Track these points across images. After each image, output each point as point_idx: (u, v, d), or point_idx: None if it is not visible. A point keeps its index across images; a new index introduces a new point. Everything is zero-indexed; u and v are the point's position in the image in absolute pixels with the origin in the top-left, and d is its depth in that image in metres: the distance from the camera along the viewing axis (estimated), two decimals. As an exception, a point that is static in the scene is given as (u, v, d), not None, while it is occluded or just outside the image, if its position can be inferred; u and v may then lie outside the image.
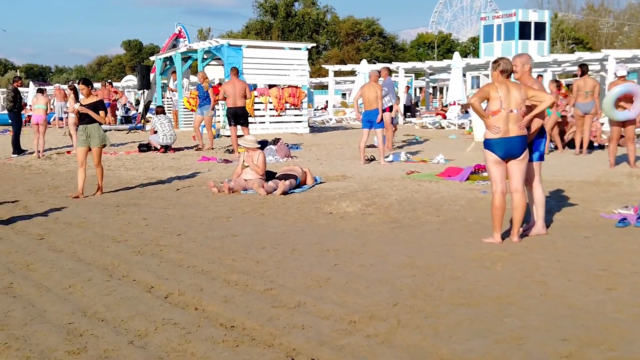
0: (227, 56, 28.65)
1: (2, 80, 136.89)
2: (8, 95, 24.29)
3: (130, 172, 18.70)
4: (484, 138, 9.64)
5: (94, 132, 14.59)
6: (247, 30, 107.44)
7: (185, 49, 32.63)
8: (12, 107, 24.15)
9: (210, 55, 31.63)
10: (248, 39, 59.84)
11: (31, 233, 10.95)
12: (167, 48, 36.10)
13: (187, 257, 9.05)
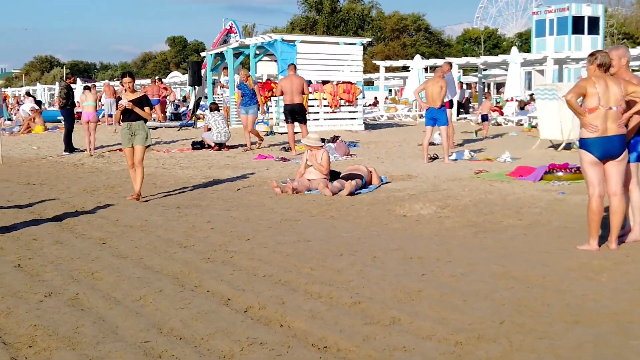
0: (280, 51, 28.06)
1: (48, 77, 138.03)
2: (61, 92, 23.85)
3: (187, 171, 18.15)
4: (579, 137, 8.95)
5: (139, 129, 13.70)
6: (292, 27, 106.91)
7: (237, 45, 32.09)
8: (64, 104, 23.70)
9: (262, 51, 31.10)
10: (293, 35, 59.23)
11: (92, 237, 10.41)
12: (218, 44, 35.63)
13: (261, 265, 8.44)
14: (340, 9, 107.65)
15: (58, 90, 24.50)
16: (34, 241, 10.14)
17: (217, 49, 34.40)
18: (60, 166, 20.39)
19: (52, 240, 10.15)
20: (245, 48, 31.80)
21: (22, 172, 18.96)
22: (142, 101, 13.71)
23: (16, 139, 30.47)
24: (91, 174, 18.19)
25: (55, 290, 7.54)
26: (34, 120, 34.98)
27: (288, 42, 28.47)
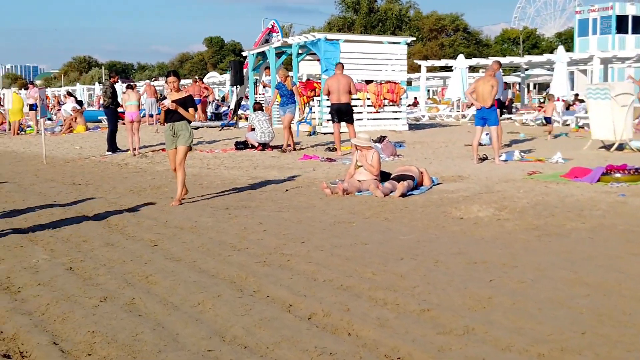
0: (323, 51, 27.74)
1: (86, 77, 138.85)
2: (106, 91, 23.69)
3: (232, 172, 17.89)
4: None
5: (182, 130, 13.17)
6: (329, 27, 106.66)
7: (279, 44, 31.78)
8: (109, 104, 23.55)
9: (304, 50, 30.77)
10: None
11: (143, 239, 10.17)
12: (259, 43, 35.35)
13: (320, 269, 8.14)
14: (377, 9, 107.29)
15: (102, 90, 24.31)
16: (84, 243, 9.92)
17: (259, 48, 34.11)
18: (104, 166, 20.24)
19: (102, 242, 9.92)
20: (288, 47, 31.48)
21: (67, 172, 18.81)
22: (186, 101, 13.20)
23: (58, 139, 30.45)
24: (136, 174, 17.99)
25: (110, 294, 7.29)
26: (76, 120, 34.96)
27: (332, 41, 28.13)
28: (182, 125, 13.17)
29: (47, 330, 6.27)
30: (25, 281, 7.88)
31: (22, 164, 21.35)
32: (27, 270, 8.38)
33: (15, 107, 34.54)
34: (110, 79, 24.45)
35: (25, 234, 10.59)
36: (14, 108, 34.56)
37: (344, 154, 20.73)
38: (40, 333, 6.16)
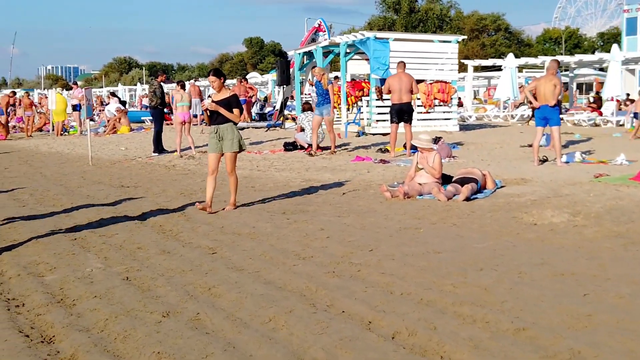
0: (373, 50, 27.10)
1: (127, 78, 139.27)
2: (154, 91, 23.20)
3: (283, 174, 17.33)
4: None
5: (228, 133, 12.25)
6: (370, 27, 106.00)
7: (326, 43, 31.20)
8: (156, 104, 23.08)
9: (352, 49, 30.15)
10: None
11: (200, 246, 9.63)
12: (306, 42, 34.81)
13: (395, 281, 7.54)
14: (418, 9, 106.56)
15: (150, 90, 23.77)
16: (139, 250, 9.40)
17: (306, 47, 33.56)
18: (151, 168, 19.76)
19: (158, 249, 9.40)
20: (335, 46, 30.90)
21: (114, 174, 18.36)
22: (231, 102, 12.21)
23: (102, 140, 30.06)
24: (185, 177, 17.49)
25: (172, 308, 6.74)
26: (120, 120, 34.63)
27: (381, 39, 27.49)
28: (227, 128, 12.26)
29: (108, 350, 5.73)
30: (80, 293, 7.36)
31: (67, 166, 20.95)
32: (81, 280, 7.87)
33: (58, 108, 34.27)
34: (157, 77, 23.93)
35: (76, 240, 10.11)
36: (58, 109, 34.29)
37: (398, 155, 20.10)
38: (101, 354, 5.63)
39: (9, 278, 8.10)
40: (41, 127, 39.11)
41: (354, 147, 23.19)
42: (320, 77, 21.36)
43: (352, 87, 29.52)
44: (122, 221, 11.47)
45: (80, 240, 10.10)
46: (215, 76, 12.29)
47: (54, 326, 6.34)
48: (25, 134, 35.86)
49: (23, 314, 6.76)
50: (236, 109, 12.24)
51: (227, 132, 12.25)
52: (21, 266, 8.60)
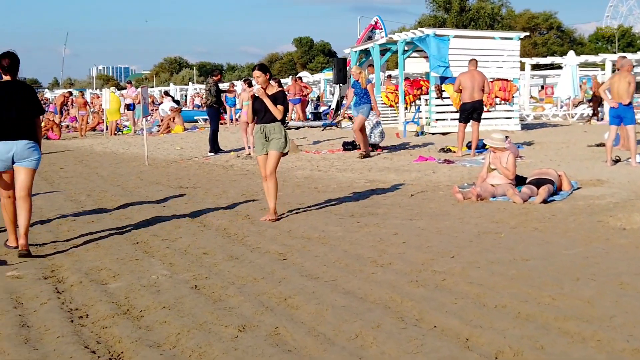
0: (432, 47, 26.41)
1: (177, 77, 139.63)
2: (210, 89, 22.75)
3: (345, 174, 16.75)
4: None
5: (274, 133, 11.34)
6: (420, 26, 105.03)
7: (384, 41, 30.59)
8: (212, 103, 22.61)
9: (411, 47, 29.49)
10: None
11: (269, 251, 9.08)
12: (362, 40, 34.18)
13: (485, 292, 6.93)
14: (469, 7, 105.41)
15: (206, 88, 23.34)
16: (205, 255, 8.88)
17: (362, 45, 32.96)
18: (209, 168, 19.28)
19: (225, 254, 8.87)
20: (393, 44, 30.28)
21: (171, 174, 17.90)
22: (277, 98, 11.35)
23: (156, 139, 29.70)
24: (244, 177, 16.99)
25: (248, 322, 6.19)
26: (174, 120, 34.27)
27: (441, 37, 26.79)
28: (275, 128, 11.32)
29: (182, 370, 5.19)
30: (147, 303, 6.84)
31: (123, 166, 20.55)
32: (147, 289, 7.36)
33: (112, 107, 34.00)
34: (212, 76, 23.45)
35: (138, 244, 9.63)
36: (112, 108, 34.02)
37: (463, 154, 19.45)
38: (176, 374, 5.08)
39: (70, 285, 7.62)
40: (94, 126, 38.94)
41: (413, 146, 22.52)
42: (358, 77, 20.49)
43: (411, 85, 28.87)
44: (184, 224, 10.98)
45: (142, 244, 9.62)
46: (261, 71, 11.42)
47: (121, 341, 5.83)
48: (79, 134, 35.68)
49: (87, 327, 6.25)
50: (281, 105, 11.34)
51: (274, 131, 11.33)
52: (82, 272, 8.12)
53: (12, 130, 9.10)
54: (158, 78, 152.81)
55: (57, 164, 21.33)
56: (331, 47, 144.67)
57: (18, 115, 9.14)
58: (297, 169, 17.92)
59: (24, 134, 9.18)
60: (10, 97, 9.18)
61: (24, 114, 9.22)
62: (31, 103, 9.37)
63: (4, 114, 9.08)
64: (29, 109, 9.31)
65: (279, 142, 11.32)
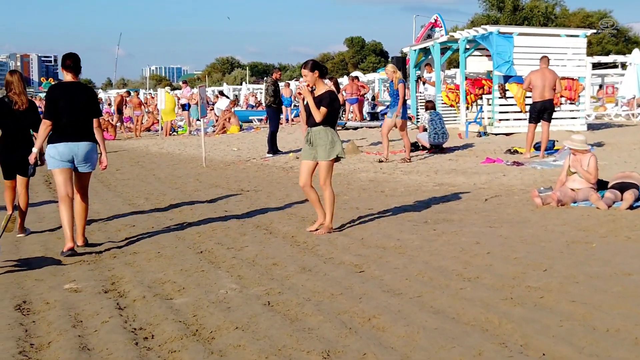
0: (495, 45, 25.52)
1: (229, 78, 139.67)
2: (268, 88, 22.13)
3: (412, 177, 16.06)
4: None
5: (320, 138, 10.12)
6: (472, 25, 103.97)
7: (445, 39, 29.79)
8: (271, 102, 22.00)
9: (472, 45, 28.63)
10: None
11: (343, 262, 8.44)
12: (421, 39, 33.47)
13: (591, 312, 6.22)
14: (523, 6, 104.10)
15: (265, 87, 22.70)
16: (275, 267, 8.25)
17: (421, 44, 32.20)
18: (268, 170, 18.67)
19: (296, 265, 8.23)
20: (453, 42, 29.47)
21: (230, 177, 17.34)
22: (322, 99, 10.06)
23: (212, 140, 29.16)
24: (306, 179, 16.34)
25: (332, 346, 5.56)
26: (229, 120, 33.75)
27: (505, 34, 25.90)
28: (321, 133, 10.10)
29: (265, 407, 4.55)
30: (217, 322, 6.22)
31: (180, 167, 20.05)
32: (217, 305, 6.74)
33: (167, 107, 33.55)
34: (271, 75, 22.85)
35: (203, 254, 9.04)
36: (167, 108, 33.57)
37: (532, 156, 18.65)
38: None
39: (133, 301, 7.03)
40: (149, 127, 38.61)
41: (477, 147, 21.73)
42: (392, 76, 19.39)
43: (472, 85, 28.02)
44: (249, 231, 10.37)
45: (207, 253, 9.02)
46: (308, 69, 10.18)
47: (193, 368, 5.22)
48: (134, 134, 35.34)
49: (154, 350, 5.65)
50: (323, 107, 10.00)
51: (320, 136, 10.09)
52: (145, 285, 7.54)
53: (74, 131, 9.23)
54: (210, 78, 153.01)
55: (113, 166, 20.82)
56: (383, 47, 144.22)
57: (79, 117, 9.27)
58: (360, 171, 17.27)
59: (85, 136, 9.33)
60: (72, 99, 9.27)
61: (84, 116, 9.35)
62: (91, 105, 9.47)
63: (66, 116, 9.17)
64: (90, 111, 9.42)
65: (324, 149, 10.07)
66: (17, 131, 10.45)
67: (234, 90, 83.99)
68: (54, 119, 9.20)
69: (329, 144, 10.04)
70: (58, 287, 7.61)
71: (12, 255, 9.30)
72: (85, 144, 9.28)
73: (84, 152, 9.27)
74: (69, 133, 9.20)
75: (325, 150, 10.07)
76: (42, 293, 7.41)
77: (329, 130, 10.11)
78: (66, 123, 9.16)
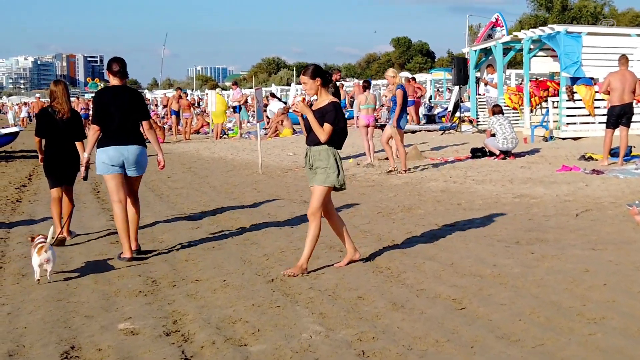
0: (563, 45, 24.23)
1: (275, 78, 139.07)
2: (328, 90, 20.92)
3: (486, 187, 14.87)
4: None
5: (321, 160, 8.41)
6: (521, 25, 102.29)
7: (508, 39, 28.54)
8: (329, 105, 20.83)
9: (537, 45, 27.38)
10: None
11: (439, 295, 7.36)
12: (482, 39, 32.18)
13: None
14: (571, 6, 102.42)
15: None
16: (361, 301, 7.16)
17: (482, 44, 30.95)
18: (330, 178, 17.50)
19: (385, 300, 7.13)
20: (517, 42, 28.23)
21: (290, 185, 16.27)
22: (325, 112, 8.36)
23: (265, 144, 28.03)
24: (372, 189, 15.23)
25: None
26: (282, 123, 32.68)
27: (572, 34, 24.59)
28: (321, 153, 8.40)
29: None
30: (307, 381, 5.13)
31: (235, 174, 19.02)
32: (301, 355, 5.68)
33: (218, 110, 32.55)
34: (331, 75, 21.69)
35: (274, 283, 7.96)
36: (217, 110, 32.57)
37: (609, 163, 17.38)
38: None
39: (200, 348, 5.97)
40: (198, 129, 37.73)
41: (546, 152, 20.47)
42: (392, 81, 17.90)
43: (537, 86, 26.78)
44: (322, 253, 9.27)
45: (279, 283, 7.93)
46: (309, 76, 8.46)
47: None
48: (183, 137, 34.38)
49: (233, 421, 4.57)
50: (328, 124, 8.28)
51: (320, 157, 8.41)
52: (213, 326, 6.48)
53: (123, 135, 9.24)
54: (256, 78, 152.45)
55: (163, 172, 19.81)
56: (429, 47, 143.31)
57: (128, 121, 9.28)
58: (428, 179, 16.11)
59: (134, 139, 9.34)
60: (120, 103, 9.28)
61: (133, 119, 9.38)
62: (139, 108, 9.52)
63: (114, 120, 9.19)
64: (137, 114, 9.45)
65: (324, 173, 8.36)
66: (60, 140, 10.56)
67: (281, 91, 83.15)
68: (102, 123, 9.25)
69: (329, 167, 8.35)
70: (111, 326, 6.58)
71: (60, 266, 8.80)
72: (134, 147, 9.29)
73: (134, 155, 9.28)
74: (118, 137, 9.21)
75: (322, 175, 8.37)
76: (92, 335, 6.37)
77: (331, 151, 8.40)
78: (115, 127, 9.18)
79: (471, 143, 23.09)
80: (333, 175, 8.37)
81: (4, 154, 27.50)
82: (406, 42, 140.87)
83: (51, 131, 10.50)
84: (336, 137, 8.43)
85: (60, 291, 7.91)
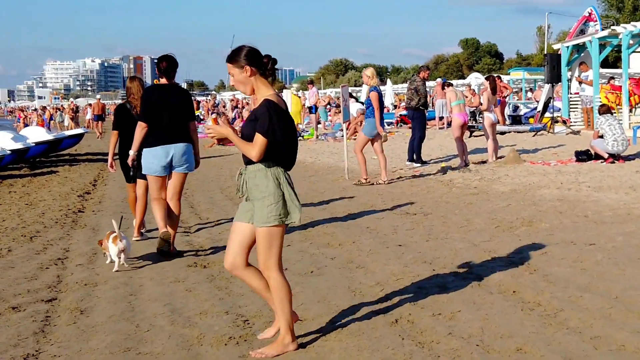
0: (669, 40, 22.32)
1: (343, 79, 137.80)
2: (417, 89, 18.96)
3: (607, 194, 13.02)
4: None
5: (257, 186, 5.62)
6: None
7: (605, 34, 26.60)
8: (417, 104, 19.08)
9: (636, 41, 25.44)
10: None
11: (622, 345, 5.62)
12: (574, 34, 30.22)
13: None
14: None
15: (412, 87, 19.47)
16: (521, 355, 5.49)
17: (575, 39, 29.02)
18: (425, 184, 15.77)
19: (550, 351, 5.49)
20: (614, 38, 26.29)
21: (384, 193, 14.62)
22: (257, 116, 5.57)
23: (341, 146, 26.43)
24: (476, 197, 13.49)
25: None
26: (361, 124, 31.02)
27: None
28: (259, 177, 5.62)
29: None
30: None
31: (319, 180, 17.43)
32: None
33: (294, 110, 31.13)
34: (418, 73, 19.96)
35: (399, 324, 6.36)
36: (293, 111, 31.12)
37: None
38: None
39: None
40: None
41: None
42: (368, 82, 16.13)
43: (636, 85, 24.84)
44: (449, 281, 7.59)
45: (406, 325, 6.27)
46: (233, 63, 5.73)
47: None
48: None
49: None
50: (259, 134, 5.48)
51: (257, 182, 5.63)
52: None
53: (171, 133, 9.25)
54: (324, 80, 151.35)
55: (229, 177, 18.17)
56: (498, 49, 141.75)
57: (175, 120, 9.28)
58: (537, 186, 14.31)
59: (180, 137, 9.34)
60: (168, 101, 9.29)
61: (181, 118, 9.36)
62: (187, 108, 9.50)
63: (162, 118, 9.20)
64: (184, 113, 9.40)
65: (262, 204, 5.59)
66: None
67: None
68: (150, 121, 9.22)
69: (271, 197, 5.56)
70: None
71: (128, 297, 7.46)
72: (182, 144, 9.32)
73: (181, 152, 9.31)
74: (164, 135, 9.23)
75: (263, 208, 5.57)
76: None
77: (271, 173, 5.61)
78: (162, 125, 9.21)
79: (568, 145, 21.29)
80: (275, 207, 5.56)
81: (68, 157, 26.30)
82: (474, 44, 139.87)
83: (127, 126, 10.42)
84: (276, 150, 5.59)
85: (127, 336, 6.29)
